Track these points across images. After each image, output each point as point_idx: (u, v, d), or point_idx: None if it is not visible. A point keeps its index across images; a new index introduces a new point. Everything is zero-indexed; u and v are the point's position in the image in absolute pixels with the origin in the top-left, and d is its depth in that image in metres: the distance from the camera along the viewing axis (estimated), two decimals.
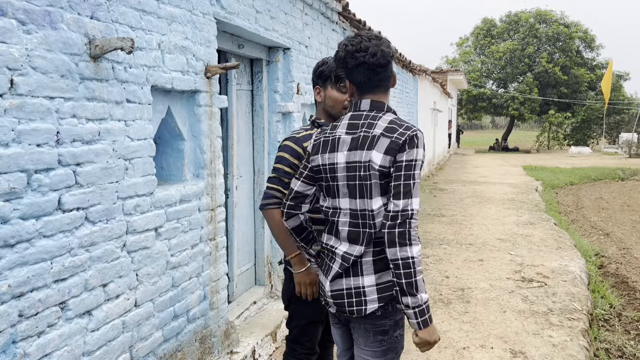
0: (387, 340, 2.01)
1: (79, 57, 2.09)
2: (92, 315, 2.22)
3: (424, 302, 1.84)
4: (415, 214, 1.85)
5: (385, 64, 1.99)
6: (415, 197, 1.86)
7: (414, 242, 1.83)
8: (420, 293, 1.83)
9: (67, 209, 2.06)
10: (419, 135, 1.90)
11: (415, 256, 1.82)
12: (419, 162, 1.89)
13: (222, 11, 3.21)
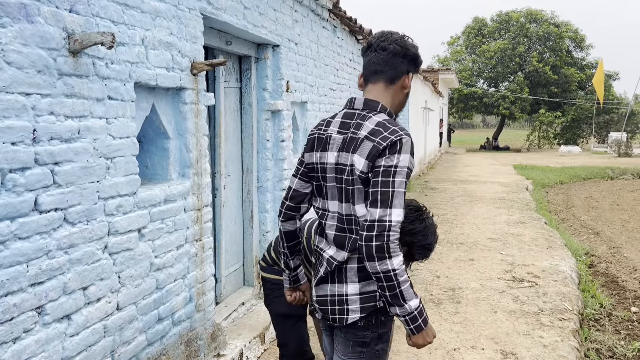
0: (367, 352, 1.92)
1: (57, 52, 2.02)
2: (71, 319, 2.14)
3: (414, 310, 1.76)
4: (395, 226, 1.70)
5: (395, 51, 1.88)
6: (395, 207, 1.71)
7: (394, 255, 1.70)
8: (408, 302, 1.74)
9: (45, 210, 1.98)
10: (404, 141, 1.75)
11: (397, 268, 1.71)
12: (402, 170, 1.73)
13: (209, 7, 3.14)
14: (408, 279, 1.75)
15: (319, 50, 5.27)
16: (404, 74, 1.92)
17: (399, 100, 1.96)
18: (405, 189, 1.76)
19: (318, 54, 5.23)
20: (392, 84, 1.91)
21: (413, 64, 1.94)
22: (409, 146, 1.77)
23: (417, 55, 1.94)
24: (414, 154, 1.80)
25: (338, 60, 6.00)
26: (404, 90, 1.95)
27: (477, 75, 36.46)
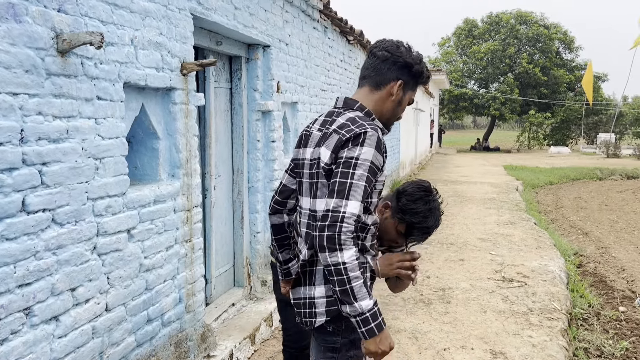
0: (338, 358, 1.87)
1: (45, 51, 2.00)
2: (59, 321, 2.13)
3: (365, 310, 1.67)
4: (349, 218, 1.65)
5: (379, 56, 1.89)
6: (351, 199, 1.67)
7: (345, 247, 1.65)
8: (359, 301, 1.66)
9: (32, 211, 1.97)
10: (368, 134, 1.73)
11: (347, 261, 1.64)
12: (363, 163, 1.70)
13: (199, 7, 3.13)
14: (361, 277, 1.67)
15: (310, 50, 5.27)
16: (392, 81, 1.89)
17: (387, 108, 1.93)
18: (368, 184, 1.72)
19: (309, 55, 5.24)
20: (377, 89, 1.91)
21: (406, 72, 1.90)
22: (373, 140, 1.74)
23: (409, 63, 1.89)
24: (381, 150, 1.76)
25: (329, 60, 6.00)
26: (391, 98, 1.91)
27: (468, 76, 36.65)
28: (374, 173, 1.74)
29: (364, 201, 1.75)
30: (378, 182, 1.84)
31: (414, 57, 1.90)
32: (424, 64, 1.94)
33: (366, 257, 1.90)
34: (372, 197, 1.86)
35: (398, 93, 1.91)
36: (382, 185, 1.89)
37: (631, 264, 6.83)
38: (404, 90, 1.92)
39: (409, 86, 1.93)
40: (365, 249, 1.91)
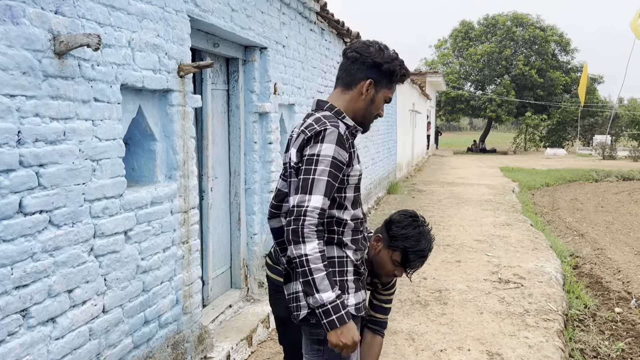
0: (325, 350, 1.92)
1: (42, 53, 2.01)
2: (56, 322, 2.13)
3: (326, 302, 1.73)
4: (312, 212, 1.74)
5: (349, 57, 1.97)
6: (314, 194, 1.75)
7: (307, 240, 1.72)
8: (320, 293, 1.73)
9: (29, 212, 1.97)
10: (328, 131, 1.81)
11: (309, 253, 1.72)
12: (324, 158, 1.78)
13: (196, 9, 3.14)
14: (323, 269, 1.73)
15: (307, 52, 5.28)
16: (362, 80, 1.95)
17: (359, 107, 1.99)
18: (332, 179, 1.79)
19: (306, 57, 5.25)
20: (348, 89, 1.98)
21: (375, 71, 1.95)
22: (333, 136, 1.81)
23: (378, 62, 1.94)
24: (344, 145, 1.83)
25: (326, 62, 6.02)
26: (362, 97, 1.97)
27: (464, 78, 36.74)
28: (338, 168, 1.82)
29: (337, 196, 1.86)
30: (351, 177, 1.91)
31: (384, 57, 1.95)
32: (396, 63, 1.97)
33: (345, 251, 1.95)
34: (346, 192, 1.93)
35: (369, 92, 1.97)
36: (357, 180, 1.96)
37: (627, 265, 6.86)
38: (375, 89, 1.98)
39: (382, 85, 1.98)
40: (343, 244, 1.95)
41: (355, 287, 1.98)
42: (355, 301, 1.98)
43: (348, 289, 1.95)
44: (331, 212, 1.90)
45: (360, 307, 2.01)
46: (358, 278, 2.01)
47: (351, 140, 1.94)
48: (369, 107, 2.00)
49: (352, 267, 1.96)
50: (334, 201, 1.90)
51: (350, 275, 1.96)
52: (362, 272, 2.03)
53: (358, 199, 2.00)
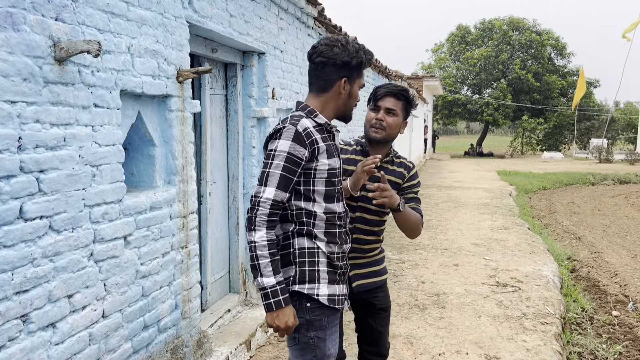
0: (300, 339, 2.02)
1: (42, 60, 2.02)
2: (56, 327, 2.13)
3: (266, 287, 1.88)
4: (264, 203, 1.89)
5: (317, 63, 2.03)
6: (268, 186, 1.90)
7: (257, 228, 1.88)
8: (263, 277, 1.88)
9: (30, 218, 1.98)
10: (285, 128, 1.93)
11: (257, 240, 1.88)
12: (280, 154, 1.91)
13: (195, 15, 3.16)
14: (268, 256, 1.88)
15: (304, 57, 5.30)
16: (336, 81, 2.04)
17: (340, 105, 2.09)
18: (288, 173, 1.91)
19: (303, 62, 5.27)
20: (324, 92, 2.06)
21: (346, 69, 2.03)
22: (290, 133, 1.93)
23: (347, 61, 2.02)
24: (301, 141, 1.93)
25: None
26: (341, 95, 2.07)
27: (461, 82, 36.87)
28: (294, 162, 1.93)
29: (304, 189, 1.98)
30: (319, 171, 2.00)
31: (350, 52, 2.02)
32: (361, 54, 2.05)
33: (317, 242, 2.03)
34: (314, 185, 2.01)
35: (345, 89, 2.07)
36: (326, 175, 2.02)
37: (624, 268, 6.89)
38: (350, 84, 2.08)
39: (354, 77, 2.08)
40: (313, 235, 2.02)
41: (330, 279, 2.05)
42: (329, 292, 2.04)
43: (320, 279, 2.02)
44: (298, 204, 2.01)
45: (336, 299, 2.06)
46: (334, 271, 2.07)
47: (321, 136, 2.01)
48: (349, 101, 2.11)
49: (324, 259, 2.04)
50: (300, 194, 2.00)
51: (322, 266, 2.04)
52: (337, 264, 2.08)
53: (333, 193, 2.06)
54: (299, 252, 2.02)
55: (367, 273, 2.54)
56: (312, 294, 2.01)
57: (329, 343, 2.06)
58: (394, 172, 2.53)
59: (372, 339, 2.61)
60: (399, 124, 2.49)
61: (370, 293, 2.54)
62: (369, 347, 2.62)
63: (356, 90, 2.11)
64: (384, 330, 2.63)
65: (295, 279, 2.01)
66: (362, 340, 2.64)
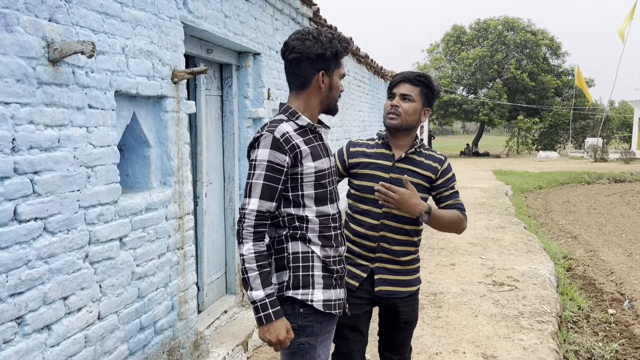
0: (290, 344, 1.95)
1: (36, 61, 2.01)
2: (51, 329, 2.12)
3: (255, 300, 1.86)
4: (250, 214, 1.87)
5: (291, 60, 1.98)
6: (252, 197, 1.88)
7: (244, 240, 1.87)
8: (252, 290, 1.86)
9: (24, 219, 1.97)
10: (262, 137, 1.90)
11: (245, 253, 1.86)
12: (260, 163, 1.88)
13: (190, 15, 3.15)
14: (256, 269, 1.86)
15: None
16: (314, 76, 1.98)
17: (322, 98, 2.03)
18: (270, 181, 1.88)
19: None
20: (303, 89, 2.01)
21: (321, 61, 1.96)
22: (267, 141, 1.88)
23: (320, 53, 1.95)
24: (280, 148, 1.88)
25: None
26: (321, 89, 2.00)
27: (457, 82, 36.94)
28: (275, 170, 1.89)
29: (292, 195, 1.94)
30: (305, 175, 1.94)
31: (323, 44, 1.95)
32: (335, 43, 1.96)
33: (311, 247, 1.98)
34: (302, 190, 1.96)
35: (325, 82, 2.00)
36: (314, 177, 1.96)
37: (619, 266, 6.91)
38: (329, 76, 2.01)
39: (332, 68, 2.01)
40: (307, 240, 1.98)
41: (325, 284, 1.99)
42: (324, 297, 1.98)
43: (314, 284, 1.97)
44: (288, 210, 1.96)
45: (332, 304, 2.00)
46: (329, 275, 2.01)
47: (304, 138, 1.95)
48: (331, 93, 2.04)
49: (319, 263, 1.98)
50: (289, 200, 1.96)
51: (317, 270, 1.98)
52: (333, 269, 2.02)
53: (325, 195, 2.00)
54: (292, 257, 1.97)
55: (393, 280, 2.42)
56: (306, 300, 1.95)
57: (320, 350, 2.01)
58: (421, 164, 2.43)
59: (393, 348, 2.56)
60: (416, 110, 2.41)
61: (394, 301, 2.44)
62: (390, 354, 2.57)
63: (336, 81, 2.04)
64: (407, 342, 2.56)
65: (290, 284, 1.96)
66: (383, 347, 2.59)
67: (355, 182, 2.47)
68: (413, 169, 2.42)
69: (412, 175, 2.40)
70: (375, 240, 2.40)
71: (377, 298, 2.43)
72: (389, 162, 2.42)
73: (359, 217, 2.44)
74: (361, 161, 2.47)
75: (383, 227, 2.39)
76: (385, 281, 2.42)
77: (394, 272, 2.43)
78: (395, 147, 2.46)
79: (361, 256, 2.44)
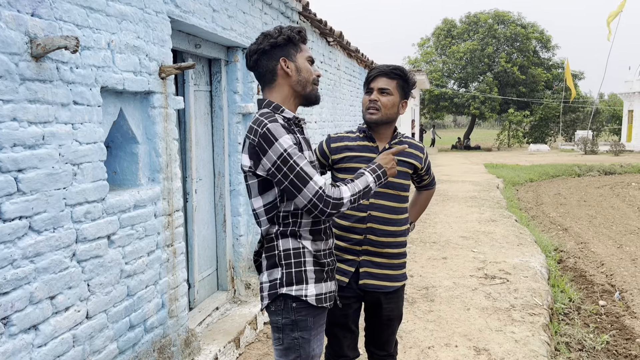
0: (284, 339, 1.98)
1: (19, 56, 1.97)
2: (38, 329, 2.09)
3: (375, 175, 2.00)
4: (323, 188, 1.84)
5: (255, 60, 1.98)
6: (312, 177, 1.83)
7: (344, 195, 1.91)
8: (369, 183, 1.99)
9: (8, 218, 1.93)
10: (271, 128, 1.83)
11: (346, 198, 1.91)
12: (290, 151, 1.82)
13: (177, 10, 3.11)
14: (359, 191, 1.96)
15: None
16: (276, 66, 1.97)
17: (293, 83, 1.99)
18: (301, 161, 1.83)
19: None
20: (273, 82, 1.99)
21: (277, 50, 1.96)
22: (279, 129, 1.84)
23: (273, 43, 1.95)
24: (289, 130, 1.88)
25: None
26: (288, 75, 1.98)
27: (448, 76, 36.98)
28: (301, 148, 1.91)
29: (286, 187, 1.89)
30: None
31: (272, 35, 1.96)
32: (284, 31, 1.97)
33: (302, 242, 1.98)
34: None
35: (289, 66, 1.97)
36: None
37: (610, 258, 6.96)
38: (291, 60, 1.98)
39: (292, 53, 1.99)
40: (298, 235, 1.98)
41: (317, 278, 2.00)
42: (317, 292, 1.98)
43: (307, 280, 1.97)
44: (284, 205, 1.94)
45: (323, 297, 2.01)
46: (321, 269, 2.02)
47: (296, 128, 1.99)
48: (300, 75, 2.00)
49: (310, 258, 1.99)
50: (283, 194, 1.93)
51: (309, 265, 1.98)
52: (324, 262, 2.03)
53: None
54: (284, 254, 1.96)
55: (379, 274, 2.44)
56: (300, 295, 1.95)
57: (314, 343, 2.02)
58: (405, 153, 2.49)
59: (378, 344, 2.57)
60: (395, 103, 2.43)
61: (378, 296, 2.45)
62: (376, 350, 2.58)
63: (303, 63, 2.00)
64: (391, 338, 2.57)
65: (283, 282, 1.95)
66: (369, 342, 2.59)
67: (341, 175, 2.48)
68: (399, 158, 2.47)
69: (399, 164, 2.44)
70: (362, 232, 2.42)
71: (363, 293, 2.44)
72: (374, 154, 2.44)
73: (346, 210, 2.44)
74: (346, 155, 2.48)
75: (370, 219, 2.40)
76: (371, 275, 2.43)
77: (380, 265, 2.44)
78: (378, 139, 2.50)
79: (348, 250, 2.44)
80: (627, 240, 7.96)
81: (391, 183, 2.39)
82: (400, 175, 2.42)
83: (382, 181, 2.03)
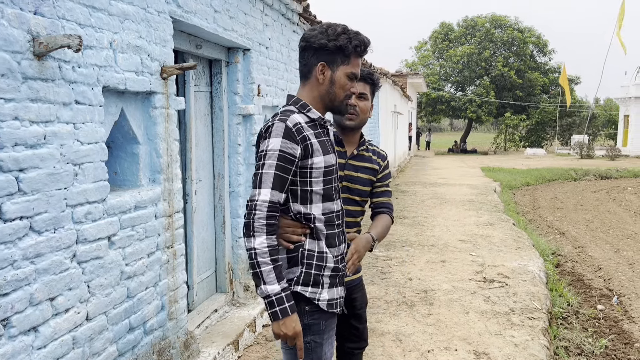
0: None
1: (21, 55, 1.95)
2: (38, 331, 2.07)
3: (271, 294, 1.80)
4: (261, 205, 1.79)
5: (300, 48, 1.97)
6: (263, 187, 1.81)
7: (256, 234, 1.79)
8: (266, 285, 1.79)
9: (9, 219, 1.91)
10: (274, 126, 1.85)
11: (257, 247, 1.78)
12: (272, 153, 1.82)
13: (179, 10, 3.10)
14: (270, 263, 1.79)
15: (290, 54, 5.26)
16: (314, 67, 1.94)
17: (321, 93, 1.97)
18: (281, 172, 1.82)
19: (289, 58, 5.22)
20: (307, 80, 1.98)
21: (324, 53, 1.92)
22: (279, 130, 1.83)
23: (323, 44, 1.91)
24: (293, 138, 1.84)
25: None
26: (320, 82, 1.95)
27: (445, 79, 37.07)
28: (287, 160, 1.84)
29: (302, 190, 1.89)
30: (315, 170, 1.90)
31: (329, 36, 1.91)
32: (343, 37, 1.91)
33: (324, 247, 1.95)
34: (312, 186, 1.92)
35: (325, 75, 1.95)
36: (323, 173, 1.92)
37: (607, 262, 6.97)
38: (331, 70, 1.94)
39: (337, 63, 1.94)
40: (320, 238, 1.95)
41: (330, 283, 1.99)
42: (329, 297, 1.98)
43: (323, 284, 1.96)
44: (297, 207, 1.92)
45: (335, 303, 2.01)
46: (335, 274, 2.01)
47: (315, 132, 1.92)
48: (331, 89, 1.96)
49: (331, 264, 1.98)
50: (297, 196, 1.91)
51: (327, 271, 1.97)
52: (339, 267, 2.02)
53: (330, 191, 1.97)
54: (307, 254, 1.93)
55: None
56: (314, 298, 1.94)
57: (326, 347, 2.00)
58: (370, 160, 2.50)
59: (357, 337, 2.57)
60: (369, 108, 2.48)
61: (351, 291, 2.47)
62: (353, 345, 2.57)
63: (341, 78, 1.94)
64: (366, 325, 2.61)
65: (299, 280, 1.93)
66: (347, 339, 2.57)
67: None
68: (364, 164, 2.47)
69: (364, 171, 2.46)
70: None
71: None
72: (343, 160, 2.43)
73: None
74: None
75: None
76: None
77: None
78: (347, 143, 2.49)
79: None
80: (624, 245, 7.98)
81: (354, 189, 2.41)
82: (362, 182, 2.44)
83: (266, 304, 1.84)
